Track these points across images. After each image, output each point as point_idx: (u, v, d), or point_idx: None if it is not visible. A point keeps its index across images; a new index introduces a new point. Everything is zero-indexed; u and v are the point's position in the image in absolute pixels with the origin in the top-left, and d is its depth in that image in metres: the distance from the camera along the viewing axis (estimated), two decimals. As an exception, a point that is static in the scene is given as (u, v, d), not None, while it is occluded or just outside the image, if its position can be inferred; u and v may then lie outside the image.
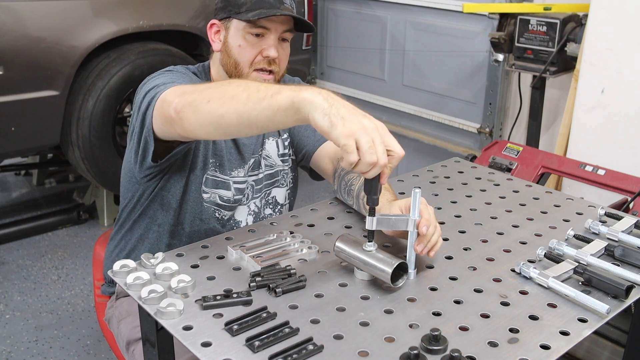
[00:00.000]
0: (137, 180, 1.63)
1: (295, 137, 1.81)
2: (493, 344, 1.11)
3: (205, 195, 1.67)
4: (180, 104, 1.32)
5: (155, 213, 1.69)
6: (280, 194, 1.81)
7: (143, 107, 1.47)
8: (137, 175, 1.60)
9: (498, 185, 1.86)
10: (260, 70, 1.62)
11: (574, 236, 1.49)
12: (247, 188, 1.73)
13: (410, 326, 1.16)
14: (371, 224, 1.26)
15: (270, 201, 1.79)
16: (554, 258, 1.37)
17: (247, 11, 1.57)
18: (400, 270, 1.26)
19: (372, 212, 1.25)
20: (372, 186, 1.20)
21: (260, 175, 1.76)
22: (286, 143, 1.80)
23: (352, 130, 1.10)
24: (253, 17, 1.55)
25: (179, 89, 1.38)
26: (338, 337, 1.12)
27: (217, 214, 1.70)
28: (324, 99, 1.13)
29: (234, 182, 1.70)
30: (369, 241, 1.28)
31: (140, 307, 1.22)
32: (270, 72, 1.63)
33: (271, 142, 1.78)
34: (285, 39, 1.65)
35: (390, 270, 1.23)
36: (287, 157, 1.81)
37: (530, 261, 1.38)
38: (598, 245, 1.43)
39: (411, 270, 1.32)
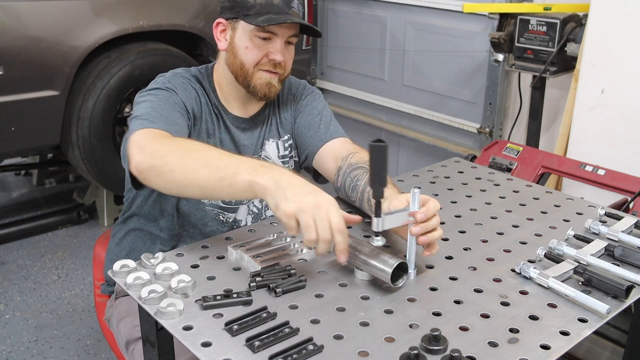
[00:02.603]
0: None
1: (298, 139, 1.81)
2: (493, 344, 1.11)
3: (206, 200, 1.67)
4: (142, 164, 1.34)
5: (156, 217, 1.69)
6: (280, 195, 1.81)
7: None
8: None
9: (498, 185, 1.86)
10: (266, 71, 1.62)
11: (574, 236, 1.49)
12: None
13: (410, 326, 1.16)
14: (377, 225, 1.25)
15: (271, 202, 1.79)
16: (554, 258, 1.37)
17: (256, 15, 1.56)
18: (400, 270, 1.26)
19: (378, 212, 1.25)
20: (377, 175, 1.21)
21: (260, 177, 1.76)
22: (287, 145, 1.80)
23: (292, 210, 1.21)
24: (263, 22, 1.55)
25: (140, 140, 1.38)
26: (338, 337, 1.12)
27: (220, 217, 1.70)
28: (275, 182, 1.23)
29: None
30: (376, 236, 1.27)
31: (140, 307, 1.22)
32: (276, 72, 1.64)
33: (271, 144, 1.78)
34: (290, 42, 1.65)
35: (390, 270, 1.23)
36: (287, 159, 1.80)
37: (530, 261, 1.38)
38: (598, 245, 1.43)
39: (411, 270, 1.32)
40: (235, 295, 1.21)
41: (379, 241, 1.27)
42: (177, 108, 1.55)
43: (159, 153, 1.34)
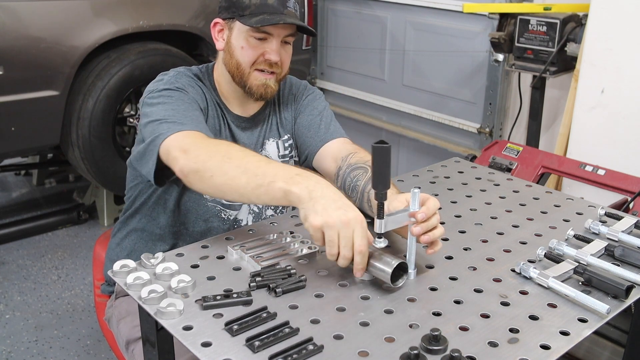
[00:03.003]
0: (142, 180, 1.64)
1: (298, 139, 1.81)
2: (493, 344, 1.11)
3: (208, 197, 1.67)
4: (186, 168, 1.39)
5: (158, 214, 1.69)
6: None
7: (146, 137, 1.49)
8: (142, 176, 1.61)
9: (498, 185, 1.86)
10: (262, 71, 1.62)
11: (574, 236, 1.49)
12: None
13: (410, 326, 1.16)
14: (380, 227, 1.25)
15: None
16: (554, 258, 1.37)
17: (251, 15, 1.57)
18: (400, 270, 1.26)
19: (380, 214, 1.25)
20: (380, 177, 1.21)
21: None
22: (287, 144, 1.80)
23: (319, 224, 1.23)
24: (256, 23, 1.55)
25: (181, 143, 1.41)
26: (338, 337, 1.12)
27: (222, 214, 1.70)
28: (309, 193, 1.26)
29: None
30: (378, 237, 1.27)
31: (140, 307, 1.22)
32: (272, 72, 1.64)
33: (271, 143, 1.78)
34: (287, 42, 1.65)
35: (390, 270, 1.23)
36: (287, 159, 1.80)
37: (530, 261, 1.38)
38: (598, 245, 1.43)
39: (411, 270, 1.32)
40: (235, 295, 1.21)
41: (381, 243, 1.27)
42: (194, 107, 1.57)
43: (201, 158, 1.37)
